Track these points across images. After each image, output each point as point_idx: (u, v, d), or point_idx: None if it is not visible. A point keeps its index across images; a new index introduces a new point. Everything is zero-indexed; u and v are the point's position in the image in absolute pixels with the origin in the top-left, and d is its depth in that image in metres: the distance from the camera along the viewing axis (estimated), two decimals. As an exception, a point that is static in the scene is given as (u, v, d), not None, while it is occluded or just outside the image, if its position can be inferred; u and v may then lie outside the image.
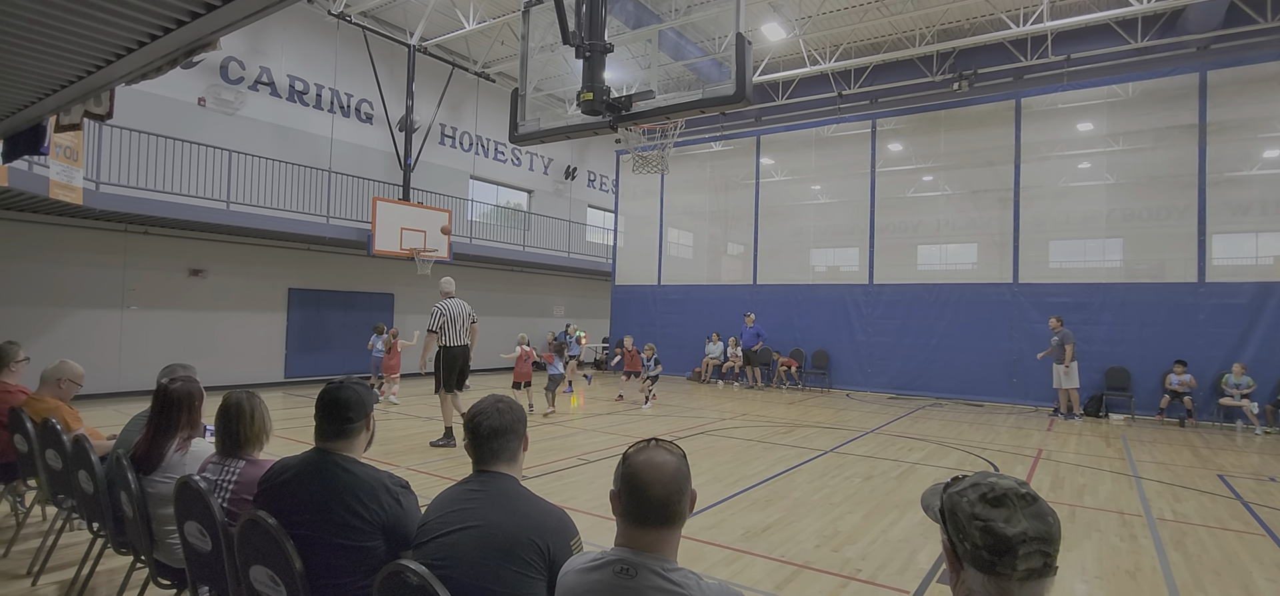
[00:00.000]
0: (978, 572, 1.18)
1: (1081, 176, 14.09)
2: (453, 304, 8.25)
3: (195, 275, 12.98)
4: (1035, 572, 1.14)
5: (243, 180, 12.97)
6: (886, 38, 15.86)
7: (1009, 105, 14.49)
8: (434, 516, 1.97)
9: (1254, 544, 5.30)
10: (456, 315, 8.21)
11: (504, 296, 19.91)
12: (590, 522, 5.12)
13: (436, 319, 8.14)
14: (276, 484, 2.18)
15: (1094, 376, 12.72)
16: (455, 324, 8.18)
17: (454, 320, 8.18)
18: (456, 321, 8.19)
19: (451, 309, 8.19)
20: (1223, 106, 12.39)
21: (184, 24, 2.87)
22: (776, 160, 18.11)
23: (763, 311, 17.14)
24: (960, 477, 1.29)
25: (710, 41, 11.35)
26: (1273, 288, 11.79)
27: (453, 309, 8.20)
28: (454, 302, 8.27)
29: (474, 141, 18.78)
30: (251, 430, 2.62)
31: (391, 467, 3.21)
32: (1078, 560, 4.82)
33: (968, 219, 15.21)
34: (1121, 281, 13.15)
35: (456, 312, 8.22)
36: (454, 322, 8.17)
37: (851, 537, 5.16)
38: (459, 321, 8.22)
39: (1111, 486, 7.11)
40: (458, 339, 8.20)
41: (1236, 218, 12.39)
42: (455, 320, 8.18)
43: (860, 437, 9.71)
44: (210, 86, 13.05)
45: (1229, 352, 11.84)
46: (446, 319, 8.14)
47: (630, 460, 1.60)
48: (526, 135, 5.42)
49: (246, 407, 2.63)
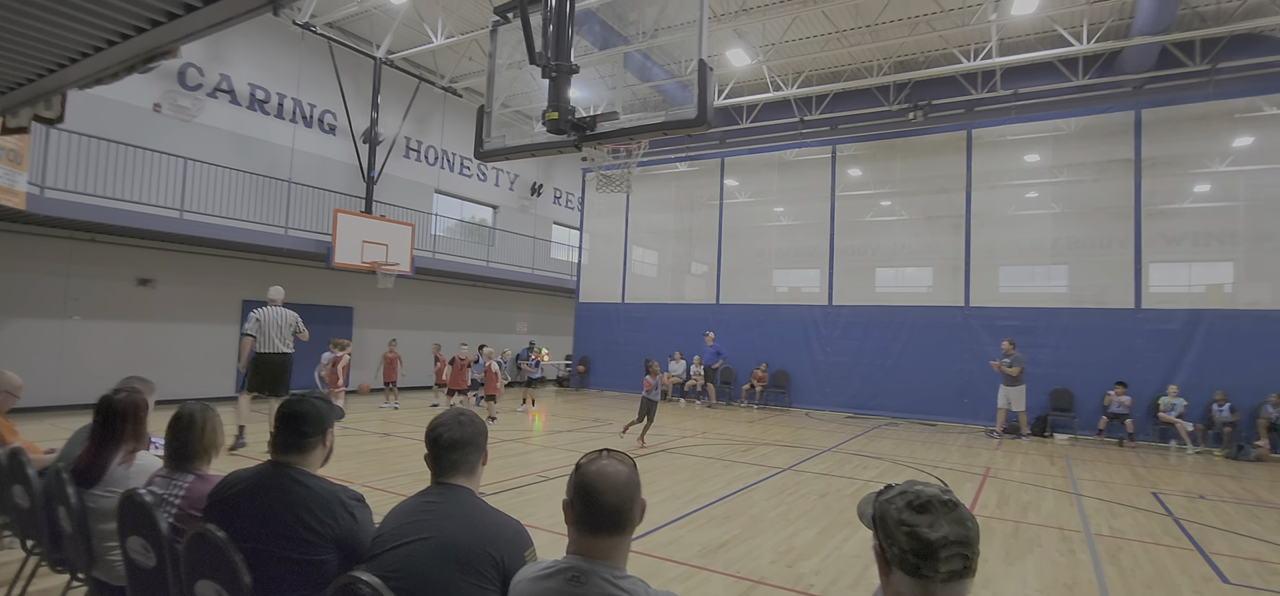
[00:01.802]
0: (905, 575, 1.26)
1: (1029, 205, 14.71)
2: (271, 311, 8.47)
3: (144, 285, 12.55)
4: (956, 574, 1.23)
5: (198, 188, 12.64)
6: (846, 67, 16.38)
7: (961, 135, 15.09)
8: (389, 528, 1.98)
9: (1183, 558, 5.57)
10: (270, 322, 8.39)
11: (467, 312, 19.72)
12: (548, 539, 5.12)
13: (251, 323, 8.39)
14: (227, 497, 2.16)
15: (1039, 397, 13.21)
16: (268, 330, 8.36)
17: (267, 327, 8.36)
18: (269, 328, 8.36)
19: (267, 316, 8.42)
20: (1156, 143, 13.15)
21: (144, 31, 2.84)
22: (740, 182, 18.44)
23: (725, 331, 17.34)
24: (891, 486, 1.38)
25: (676, 64, 11.56)
26: (1202, 314, 12.47)
27: (268, 316, 8.43)
28: (273, 310, 8.50)
29: (440, 155, 18.66)
30: (201, 442, 2.58)
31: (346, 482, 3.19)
32: (1020, 574, 5.00)
33: (923, 243, 15.70)
34: (1066, 306, 13.73)
35: (272, 320, 8.41)
36: (267, 329, 8.36)
37: (806, 553, 5.26)
38: (273, 328, 8.39)
39: (1054, 503, 7.39)
40: (270, 345, 8.36)
41: (1170, 248, 13.09)
42: (268, 327, 8.36)
43: (817, 456, 9.89)
44: (166, 92, 12.72)
45: (1164, 375, 12.45)
46: (260, 325, 8.35)
47: (583, 469, 1.65)
48: (492, 152, 5.45)
49: (199, 418, 2.59)
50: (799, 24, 14.25)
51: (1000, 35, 13.79)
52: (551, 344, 22.54)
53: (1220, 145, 12.87)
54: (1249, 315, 12.20)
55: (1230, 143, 12.83)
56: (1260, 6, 12.45)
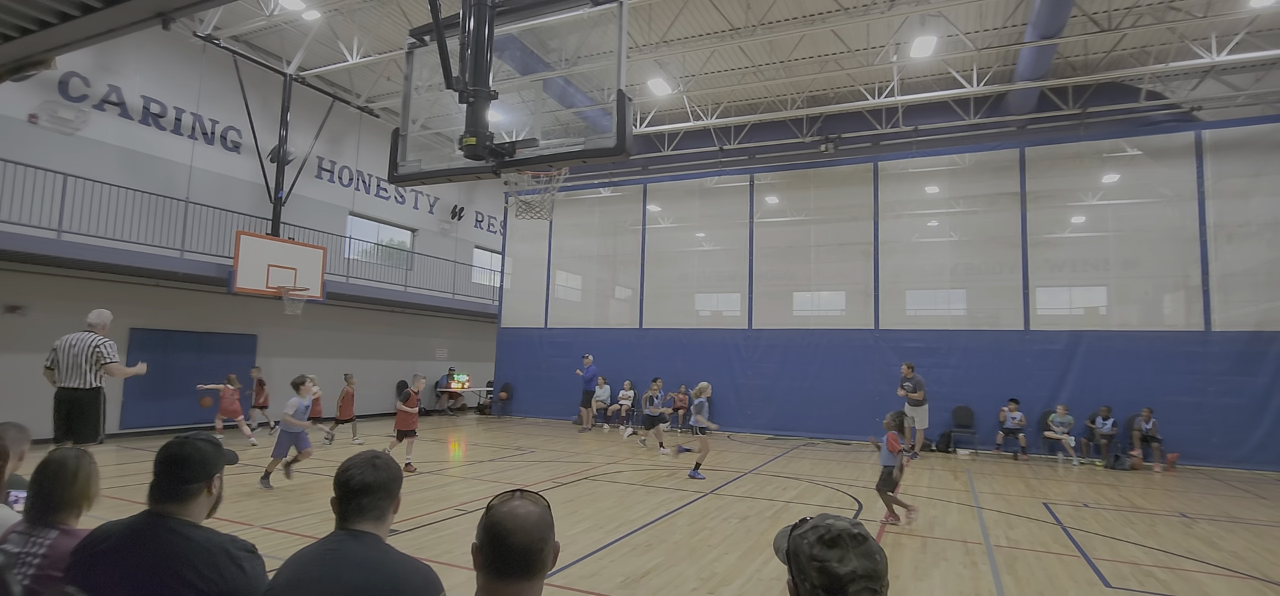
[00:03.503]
0: (818, 611, 1.28)
1: (930, 234, 15.69)
2: (71, 338, 6.50)
3: (11, 312, 11.36)
4: (866, 607, 1.26)
5: (80, 206, 11.60)
6: (762, 100, 17.05)
7: (868, 167, 15.97)
8: (283, 580, 1.84)
9: (1070, 565, 6.00)
10: (64, 351, 6.43)
11: (384, 338, 18.95)
12: (464, 579, 4.93)
13: (49, 354, 6.52)
14: (94, 552, 1.95)
15: (943, 415, 14.00)
16: (63, 362, 6.40)
17: (62, 358, 6.41)
18: (63, 359, 6.40)
19: (63, 344, 6.47)
20: (1039, 178, 14.39)
21: (11, 40, 2.60)
22: (663, 207, 18.73)
23: (650, 355, 17.45)
24: (804, 520, 1.40)
25: (599, 91, 11.67)
26: (1082, 335, 13.64)
27: (68, 343, 6.47)
28: (72, 337, 6.51)
29: (355, 176, 17.98)
30: (71, 492, 2.31)
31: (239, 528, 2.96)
32: (928, 589, 5.23)
33: (836, 269, 16.42)
34: (965, 328, 14.68)
35: (65, 349, 6.44)
36: (62, 361, 6.41)
37: (727, 578, 5.31)
38: (67, 359, 6.40)
39: (958, 517, 7.80)
40: (66, 379, 6.40)
41: (1053, 274, 14.27)
42: (62, 358, 6.41)
43: (738, 479, 10.05)
44: (45, 103, 11.67)
45: (1051, 391, 13.50)
46: (56, 355, 6.45)
47: (493, 510, 1.60)
48: (406, 176, 5.29)
49: (71, 465, 2.33)
50: (717, 57, 14.74)
51: (901, 75, 14.76)
52: (473, 370, 21.97)
53: (1092, 181, 14.21)
54: (1120, 335, 13.45)
55: (1100, 179, 14.18)
56: (1121, 58, 13.93)
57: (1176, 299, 13.39)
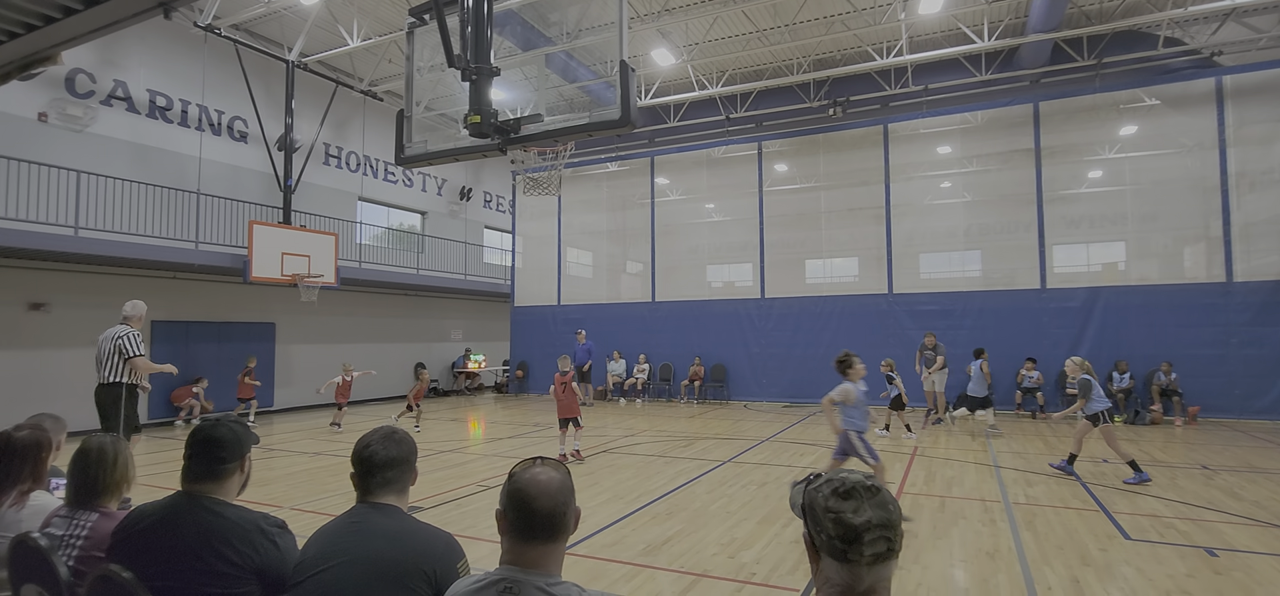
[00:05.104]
0: (832, 561, 1.30)
1: (943, 195, 15.49)
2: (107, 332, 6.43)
3: (36, 309, 11.57)
4: (880, 556, 1.27)
5: (94, 203, 11.74)
6: (768, 65, 16.79)
7: (878, 130, 15.74)
8: (312, 553, 1.90)
9: (1090, 519, 6.00)
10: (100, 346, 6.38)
11: (398, 322, 19.12)
12: (489, 550, 5.03)
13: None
14: (134, 532, 2.02)
15: (960, 377, 13.90)
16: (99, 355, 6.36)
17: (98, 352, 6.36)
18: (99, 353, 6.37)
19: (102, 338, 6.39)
20: (1053, 133, 14.11)
21: (17, 36, 2.62)
22: (671, 180, 18.62)
23: (662, 327, 17.50)
24: (818, 475, 1.42)
25: (601, 64, 11.54)
26: (1100, 292, 13.47)
27: (103, 337, 6.39)
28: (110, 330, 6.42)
29: (362, 161, 18.01)
30: (112, 477, 2.40)
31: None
32: (946, 546, 5.27)
33: (848, 234, 16.28)
34: (980, 289, 14.54)
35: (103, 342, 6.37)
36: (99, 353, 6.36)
37: (748, 543, 5.37)
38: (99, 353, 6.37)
39: (975, 477, 7.81)
40: (99, 373, 6.37)
41: (1070, 230, 14.06)
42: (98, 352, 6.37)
43: (756, 446, 10.10)
44: (54, 100, 11.76)
45: (1069, 349, 13.32)
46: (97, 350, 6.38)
47: (516, 477, 1.63)
48: (413, 157, 5.30)
49: (109, 451, 2.42)
50: (720, 24, 14.51)
51: (910, 33, 14.46)
52: (488, 350, 22.14)
53: (1109, 134, 13.92)
54: (1139, 290, 13.27)
55: (1117, 131, 13.88)
56: (1137, 4, 13.54)
57: (1197, 251, 13.16)
